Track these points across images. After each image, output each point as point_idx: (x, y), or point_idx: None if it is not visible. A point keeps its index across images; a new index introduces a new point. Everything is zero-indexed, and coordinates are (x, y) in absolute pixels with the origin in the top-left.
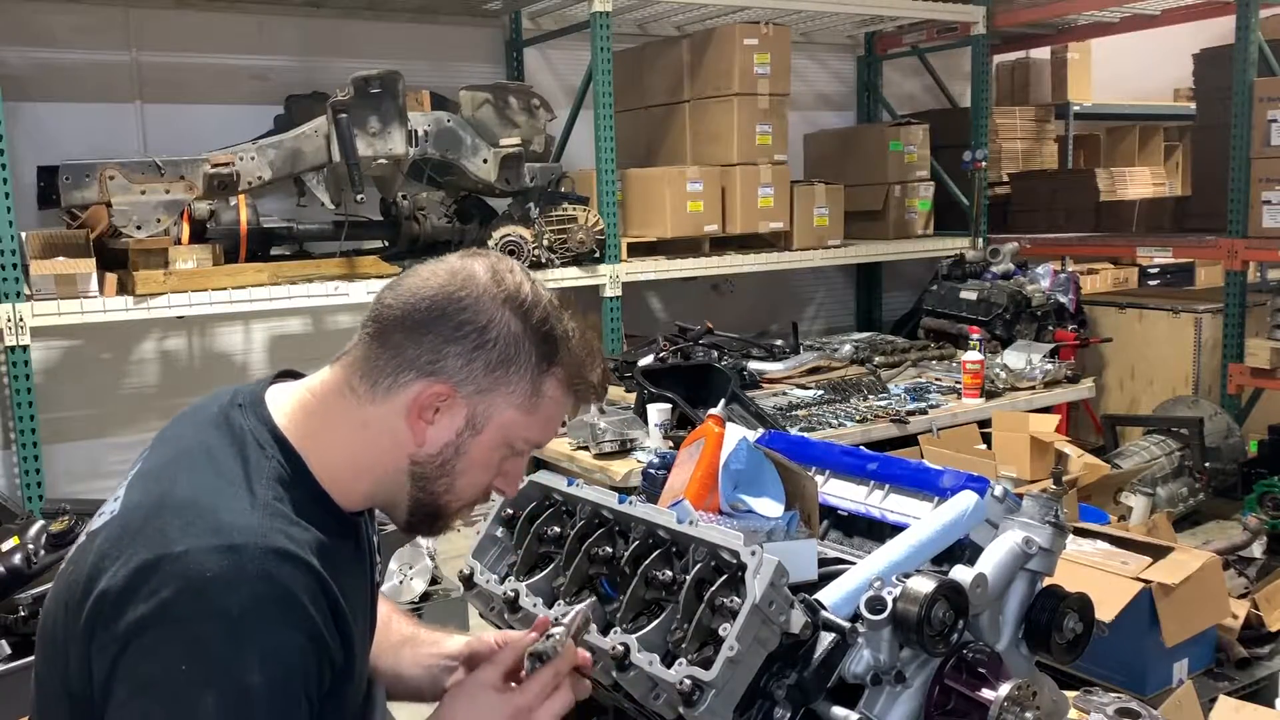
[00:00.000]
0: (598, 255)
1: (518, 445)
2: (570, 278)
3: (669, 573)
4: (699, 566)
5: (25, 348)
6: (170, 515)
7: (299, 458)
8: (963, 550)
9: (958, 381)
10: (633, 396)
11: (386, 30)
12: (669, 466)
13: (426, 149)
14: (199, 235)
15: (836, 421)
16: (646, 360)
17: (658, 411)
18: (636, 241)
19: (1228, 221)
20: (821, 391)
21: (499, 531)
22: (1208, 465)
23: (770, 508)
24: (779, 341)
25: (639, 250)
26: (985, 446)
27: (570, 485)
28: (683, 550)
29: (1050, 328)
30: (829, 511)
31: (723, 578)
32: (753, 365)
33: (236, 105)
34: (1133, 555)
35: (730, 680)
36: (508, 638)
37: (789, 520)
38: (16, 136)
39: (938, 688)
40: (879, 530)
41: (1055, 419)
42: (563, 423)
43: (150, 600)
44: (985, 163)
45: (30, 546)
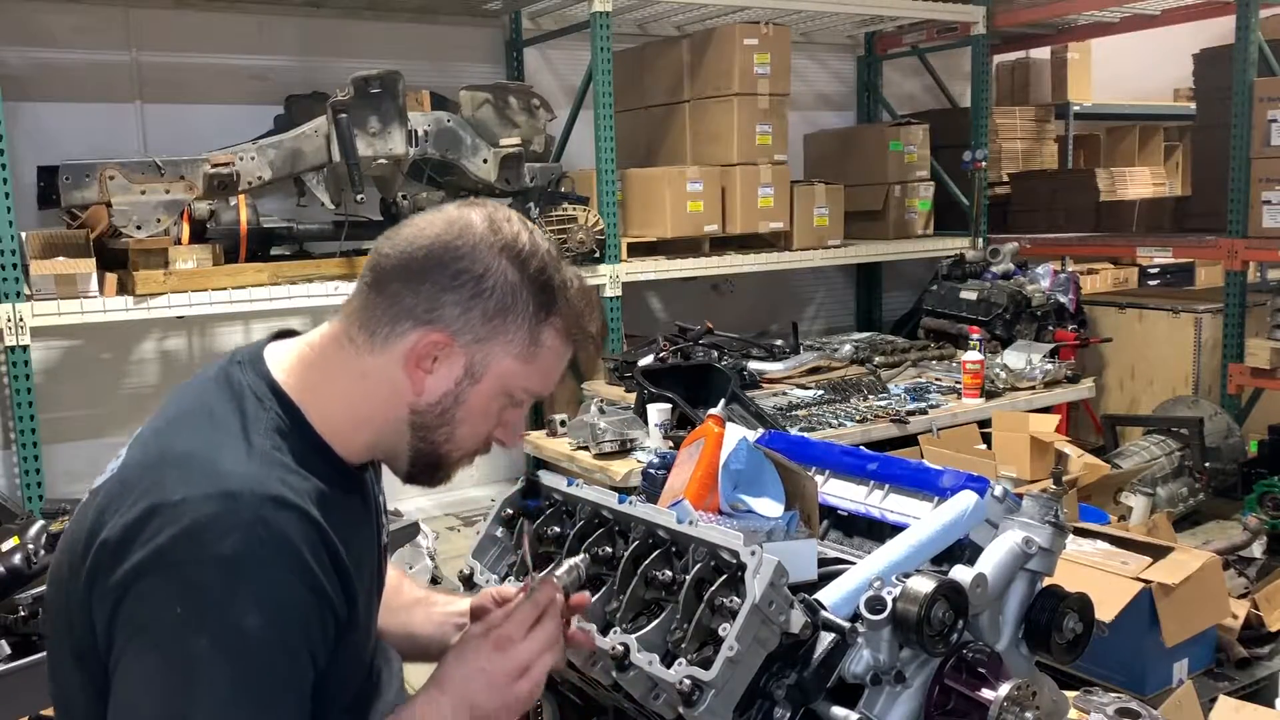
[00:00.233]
0: (598, 255)
1: (517, 395)
2: None
3: (669, 573)
4: (699, 566)
5: (25, 348)
6: (168, 468)
7: (297, 409)
8: (963, 550)
9: (958, 381)
10: (633, 396)
11: (386, 30)
12: (669, 466)
13: (426, 149)
14: (199, 235)
15: (836, 421)
16: (646, 360)
17: (658, 411)
18: (636, 241)
19: (1228, 221)
20: (821, 391)
21: (499, 531)
22: (1208, 465)
23: (770, 508)
24: (779, 341)
25: (639, 250)
26: (985, 446)
27: (570, 485)
28: (682, 550)
29: (1050, 328)
30: (829, 511)
31: (722, 578)
32: (753, 365)
33: (236, 105)
34: (1133, 555)
35: (730, 680)
36: (504, 593)
37: (789, 520)
38: (16, 136)
39: (938, 688)
40: (879, 530)
41: (1055, 419)
42: (562, 375)
43: (146, 547)
44: (985, 163)
45: (30, 546)
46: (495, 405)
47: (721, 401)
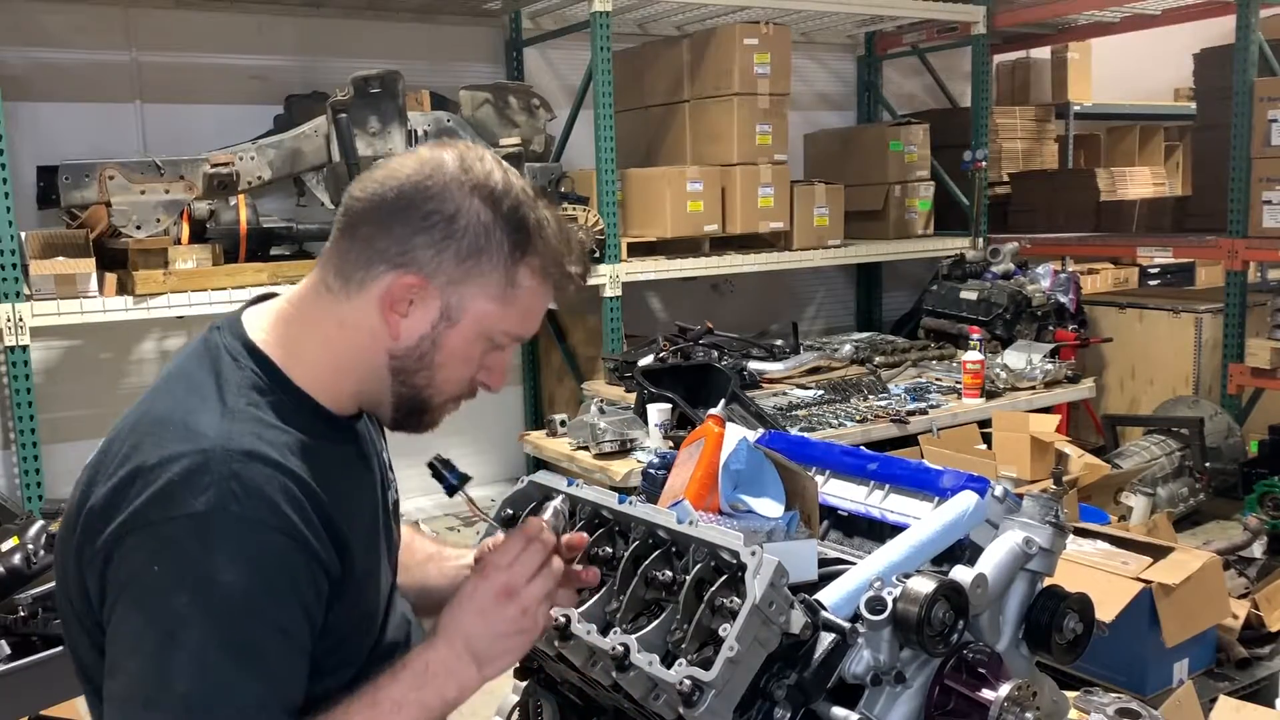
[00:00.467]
0: (598, 255)
1: (497, 338)
2: None
3: (669, 573)
4: (699, 567)
5: (25, 348)
6: (146, 433)
7: (273, 364)
8: (963, 550)
9: (958, 381)
10: (633, 396)
11: (386, 30)
12: (669, 466)
13: None
14: (199, 235)
15: (836, 421)
16: (646, 360)
17: (658, 411)
18: (636, 241)
19: (1228, 221)
20: (821, 391)
21: (499, 532)
22: (1208, 465)
23: (770, 508)
24: (779, 341)
25: (639, 250)
26: (985, 446)
27: (570, 485)
28: (682, 550)
29: (1050, 328)
30: (829, 511)
31: (722, 578)
32: (753, 365)
33: (236, 105)
34: (1133, 555)
35: (730, 680)
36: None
37: (789, 520)
38: (16, 136)
39: (938, 688)
40: (879, 530)
41: (1055, 419)
42: (543, 317)
43: (125, 510)
44: (985, 163)
45: (30, 546)
46: (476, 349)
47: (721, 401)
